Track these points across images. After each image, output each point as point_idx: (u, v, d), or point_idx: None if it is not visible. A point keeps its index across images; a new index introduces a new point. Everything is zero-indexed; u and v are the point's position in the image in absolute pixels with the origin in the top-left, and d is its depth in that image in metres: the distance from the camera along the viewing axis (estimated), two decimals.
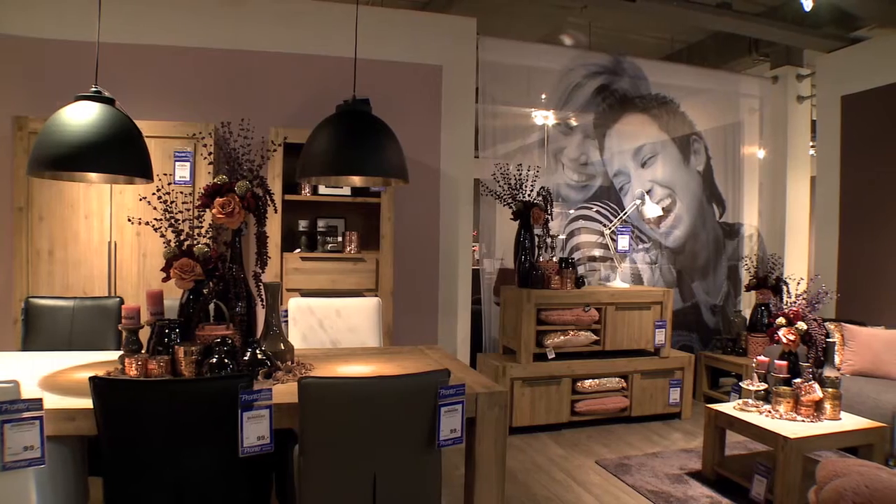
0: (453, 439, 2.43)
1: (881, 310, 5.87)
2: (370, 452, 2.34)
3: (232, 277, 2.86)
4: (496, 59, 5.87)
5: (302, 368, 2.98)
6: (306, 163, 2.99)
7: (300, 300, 4.04)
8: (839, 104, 6.47)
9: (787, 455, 3.67)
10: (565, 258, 5.53)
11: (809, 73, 7.11)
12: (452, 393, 2.40)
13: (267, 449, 2.27)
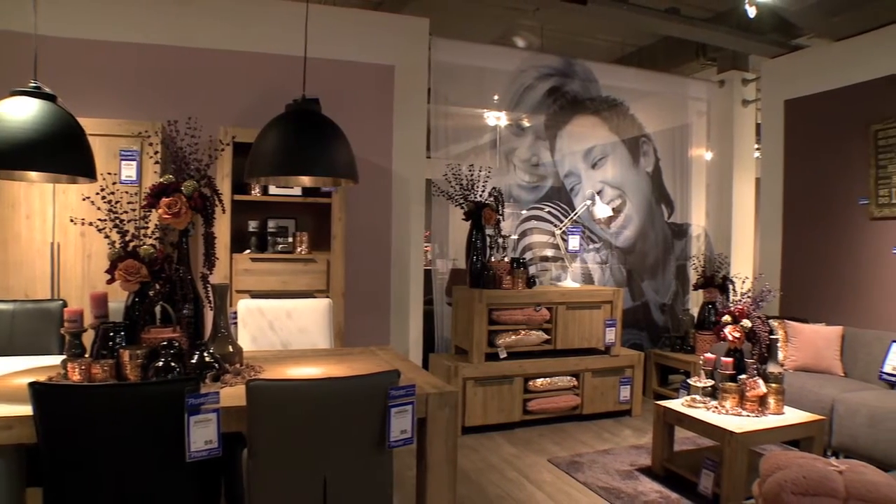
0: (404, 440, 2.43)
1: (822, 307, 6.05)
2: (320, 454, 2.32)
3: (179, 279, 2.81)
4: (448, 60, 5.88)
5: (251, 371, 2.94)
6: (254, 163, 2.96)
7: (250, 302, 3.98)
8: (782, 108, 6.64)
9: (732, 449, 3.76)
10: (517, 258, 5.57)
11: (754, 78, 7.28)
12: (402, 393, 2.39)
13: (215, 453, 2.23)
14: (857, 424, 4.54)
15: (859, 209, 5.80)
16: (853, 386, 4.97)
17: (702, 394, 4.29)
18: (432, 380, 3.02)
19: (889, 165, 5.53)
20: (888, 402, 4.48)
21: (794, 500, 1.96)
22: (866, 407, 4.53)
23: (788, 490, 1.96)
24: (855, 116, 5.85)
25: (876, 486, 1.92)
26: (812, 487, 1.95)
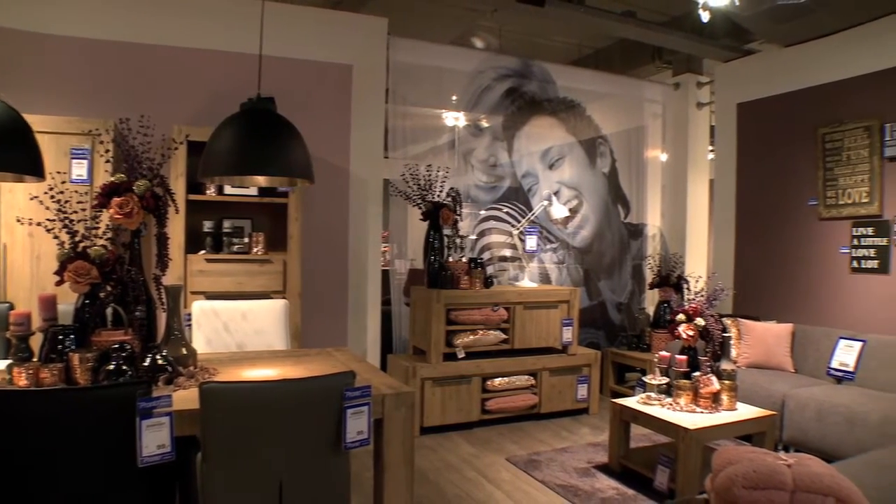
0: (360, 441, 2.42)
1: (773, 305, 6.19)
2: (275, 457, 2.30)
3: (130, 280, 2.76)
4: (407, 60, 5.87)
5: (205, 373, 2.90)
6: (208, 162, 2.92)
7: (204, 303, 3.93)
8: (735, 111, 6.78)
9: (687, 445, 3.82)
10: (474, 258, 5.59)
11: (708, 81, 7.41)
12: (358, 394, 2.38)
13: (168, 458, 2.20)
14: (807, 418, 4.66)
15: (808, 210, 5.95)
16: (803, 381, 5.09)
17: (657, 391, 4.36)
18: (388, 380, 3.02)
19: (836, 168, 5.68)
20: (835, 397, 4.61)
21: (745, 493, 1.99)
22: (815, 401, 4.65)
23: (739, 484, 2.00)
24: (804, 120, 6.00)
25: (820, 478, 1.97)
26: (761, 481, 1.99)
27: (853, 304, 5.57)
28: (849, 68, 5.65)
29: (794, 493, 1.98)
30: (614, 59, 7.73)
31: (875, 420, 4.27)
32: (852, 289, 5.59)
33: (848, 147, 5.59)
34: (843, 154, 5.63)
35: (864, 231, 5.49)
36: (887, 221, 5.32)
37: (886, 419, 4.23)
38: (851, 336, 5.25)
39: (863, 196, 5.49)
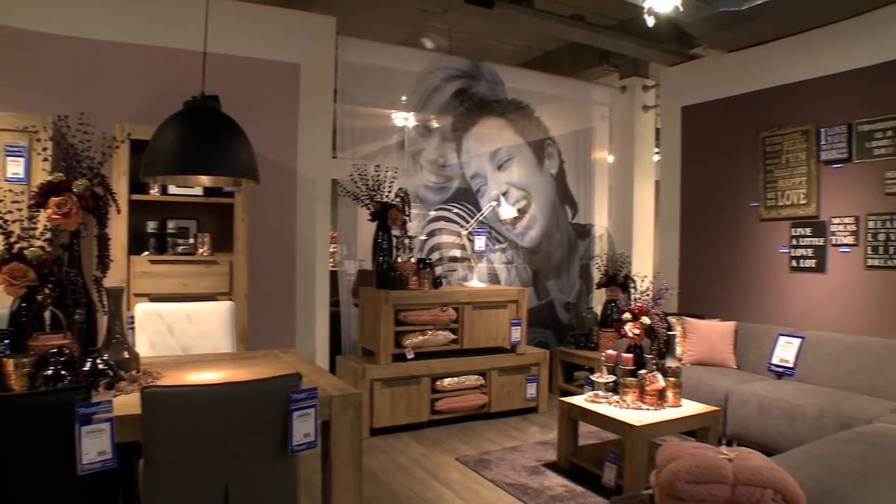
0: (307, 444, 2.39)
1: (717, 304, 6.33)
2: (221, 462, 2.26)
3: (69, 282, 2.68)
4: (356, 60, 5.82)
5: (148, 377, 2.83)
6: (150, 161, 2.85)
7: (148, 305, 3.84)
8: (680, 114, 6.91)
9: (633, 442, 3.88)
10: (423, 259, 5.58)
11: (654, 85, 7.54)
12: (304, 397, 2.36)
13: (109, 464, 2.14)
14: (749, 413, 4.78)
15: (750, 211, 6.11)
16: (745, 377, 5.23)
17: (604, 389, 4.42)
18: (336, 382, 2.99)
19: (776, 170, 5.84)
20: (775, 392, 4.74)
21: (688, 487, 2.03)
22: (756, 397, 4.77)
23: (682, 479, 2.04)
24: (745, 124, 6.16)
25: (759, 471, 2.03)
26: (704, 475, 2.04)
27: (792, 302, 5.73)
28: (787, 75, 5.82)
29: (734, 486, 2.04)
30: (563, 61, 7.81)
31: (812, 413, 4.41)
32: (791, 287, 5.75)
33: (787, 150, 5.76)
34: (782, 157, 5.80)
35: (802, 231, 5.66)
36: (823, 222, 5.50)
37: (823, 412, 4.36)
38: (791, 333, 5.41)
39: (801, 198, 5.66)
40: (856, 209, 5.28)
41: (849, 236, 5.31)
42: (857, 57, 5.30)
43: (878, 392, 4.67)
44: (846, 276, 5.35)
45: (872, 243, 5.15)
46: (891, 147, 5.04)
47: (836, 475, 2.84)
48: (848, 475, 2.84)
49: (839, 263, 5.40)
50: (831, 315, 5.43)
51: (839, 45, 5.42)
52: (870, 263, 5.18)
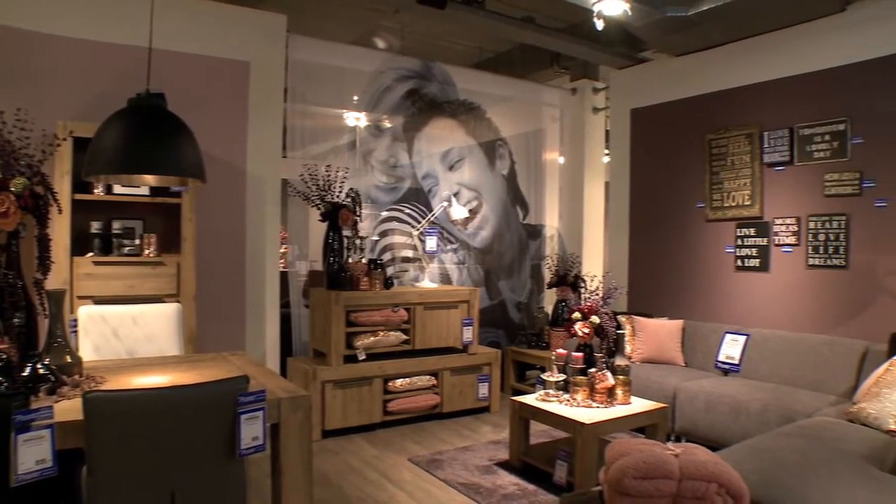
0: (255, 447, 2.36)
1: (665, 303, 6.44)
2: (167, 468, 2.21)
3: (7, 285, 2.60)
4: (307, 59, 5.76)
5: (91, 382, 2.75)
6: (93, 160, 2.78)
7: (91, 308, 3.74)
8: (629, 116, 7.02)
9: (584, 440, 3.92)
10: (374, 259, 5.56)
11: (604, 87, 7.64)
12: (252, 399, 2.32)
13: (49, 473, 2.07)
14: (696, 409, 4.87)
15: (697, 212, 6.23)
16: (692, 375, 5.33)
17: (555, 388, 4.46)
18: (285, 384, 2.96)
19: (721, 172, 5.97)
20: (721, 388, 4.85)
21: (635, 483, 2.07)
22: (704, 393, 4.87)
23: (630, 475, 2.07)
24: (692, 126, 6.28)
25: (704, 465, 2.08)
26: (651, 471, 2.07)
27: (738, 301, 5.87)
28: (732, 79, 5.95)
29: (680, 480, 2.08)
30: (514, 63, 7.85)
31: (757, 408, 4.52)
32: (737, 286, 5.89)
33: (732, 153, 5.89)
34: (727, 159, 5.93)
35: (746, 232, 5.80)
36: (767, 223, 5.64)
37: (766, 407, 4.48)
38: (736, 330, 5.54)
39: (745, 199, 5.79)
40: (797, 210, 5.43)
41: (791, 236, 5.46)
42: (797, 64, 5.45)
43: (819, 387, 4.82)
44: (788, 275, 5.49)
45: (813, 243, 5.31)
46: (829, 150, 5.20)
47: (778, 467, 2.92)
48: (789, 467, 2.92)
49: (782, 263, 5.55)
50: (775, 313, 5.57)
51: (781, 51, 5.57)
52: (810, 263, 5.33)
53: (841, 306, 5.16)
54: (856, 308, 5.07)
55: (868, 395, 3.92)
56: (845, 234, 5.11)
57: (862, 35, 5.04)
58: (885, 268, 4.91)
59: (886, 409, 3.72)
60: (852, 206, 5.08)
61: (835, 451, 3.22)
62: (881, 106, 4.94)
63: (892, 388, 3.79)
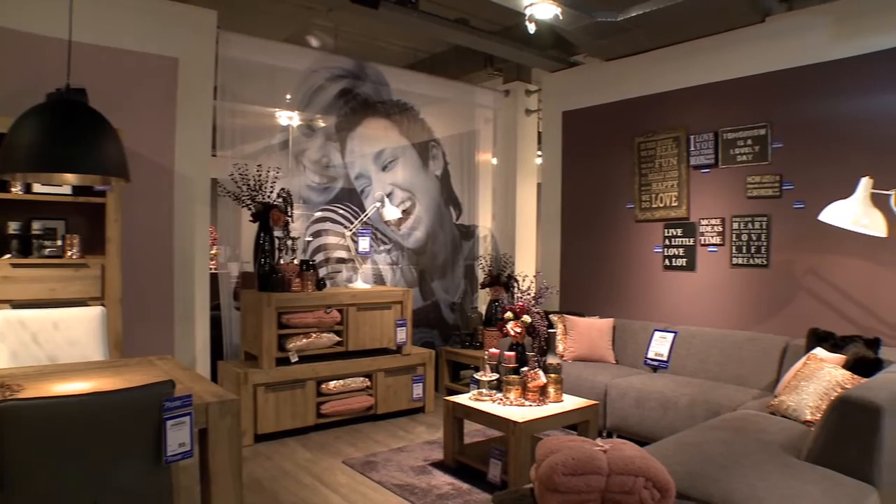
0: (182, 453, 2.30)
1: (596, 301, 6.57)
2: (88, 478, 2.12)
3: None
4: (238, 56, 5.64)
5: (7, 390, 2.63)
6: (7, 156, 2.65)
7: (9, 313, 3.58)
8: (560, 119, 7.12)
9: (517, 438, 3.96)
10: (306, 260, 5.50)
11: (536, 90, 7.74)
12: (179, 405, 2.26)
13: None
14: (627, 406, 4.98)
15: (626, 212, 6.37)
16: (623, 372, 5.44)
17: (488, 387, 4.48)
18: (213, 388, 2.89)
19: (650, 174, 6.12)
20: (651, 385, 4.96)
21: (565, 479, 2.09)
22: (634, 390, 4.98)
23: (559, 471, 2.10)
24: (622, 129, 6.42)
25: (631, 460, 2.12)
26: (580, 467, 2.10)
27: (666, 299, 6.02)
28: (661, 84, 6.11)
29: (609, 476, 2.11)
30: (449, 64, 7.88)
31: (684, 403, 4.64)
32: (665, 285, 6.04)
33: (660, 155, 6.04)
34: (655, 162, 6.08)
35: (674, 232, 5.95)
36: (693, 223, 5.81)
37: (694, 402, 4.61)
38: (665, 328, 5.68)
39: (672, 200, 5.95)
40: (722, 211, 5.61)
41: (716, 237, 5.63)
42: (721, 70, 5.64)
43: (743, 381, 4.99)
44: (714, 273, 5.67)
45: (737, 243, 5.49)
46: (751, 154, 5.39)
47: (704, 460, 3.00)
48: (715, 459, 3.02)
49: (707, 262, 5.72)
50: (701, 310, 5.74)
51: (706, 58, 5.74)
52: (734, 262, 5.51)
53: (763, 303, 5.35)
54: (776, 305, 5.26)
55: (787, 389, 4.08)
56: (766, 234, 5.30)
57: (781, 45, 5.25)
58: (803, 266, 5.12)
59: (804, 401, 3.87)
60: (773, 208, 5.28)
61: (757, 442, 3.34)
62: (799, 113, 5.15)
63: (809, 381, 3.95)
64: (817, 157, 5.04)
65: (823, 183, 4.96)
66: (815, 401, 3.82)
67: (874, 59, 4.76)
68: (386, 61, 6.95)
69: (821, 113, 5.03)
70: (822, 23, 5.02)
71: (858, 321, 4.80)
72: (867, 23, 4.79)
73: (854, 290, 4.85)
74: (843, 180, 4.66)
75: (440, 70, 7.73)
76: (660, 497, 2.12)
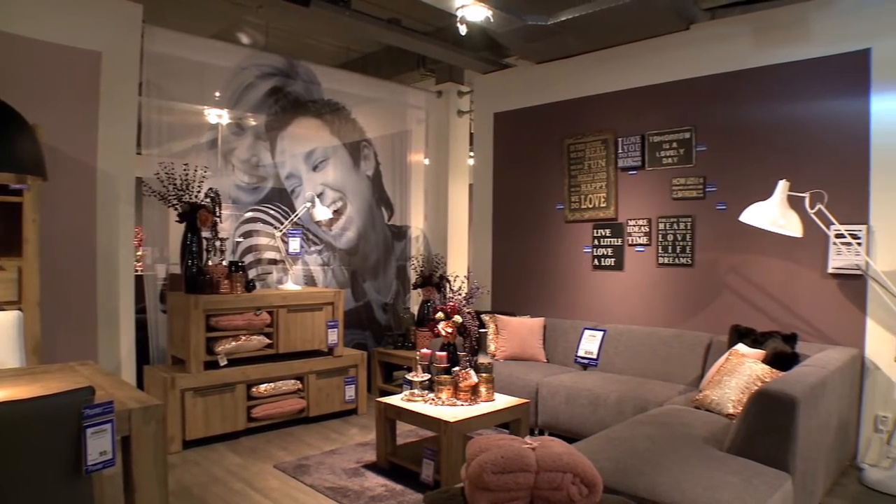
0: (103, 462, 2.22)
1: (527, 301, 6.65)
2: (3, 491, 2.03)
3: None
4: (165, 51, 5.48)
5: None
6: None
7: None
8: (492, 120, 7.19)
9: (449, 438, 3.98)
10: (235, 261, 5.39)
11: (468, 91, 7.78)
12: (99, 411, 2.18)
13: None
14: (557, 403, 5.06)
15: (557, 213, 6.47)
16: (554, 370, 5.53)
17: (420, 388, 4.49)
18: (137, 394, 2.81)
19: (579, 175, 6.23)
20: (581, 382, 5.06)
21: (494, 478, 2.11)
22: (564, 388, 5.06)
23: (489, 470, 2.11)
24: (552, 131, 6.52)
25: (559, 457, 2.15)
26: (508, 465, 2.12)
27: (595, 298, 6.14)
28: (590, 87, 6.23)
29: (537, 473, 2.14)
30: (382, 64, 7.86)
31: (613, 400, 4.75)
32: (594, 284, 6.16)
33: (589, 157, 6.16)
34: (585, 163, 6.19)
35: (602, 233, 6.08)
36: (621, 224, 5.94)
37: (622, 399, 4.71)
38: (594, 327, 5.80)
39: (601, 201, 6.07)
40: (648, 212, 5.75)
41: (643, 237, 5.78)
42: (648, 75, 5.79)
43: (669, 377, 5.14)
44: (641, 273, 5.81)
45: (663, 243, 5.64)
46: (676, 157, 5.55)
47: (631, 455, 3.08)
48: (641, 454, 3.10)
49: (635, 262, 5.86)
50: (629, 309, 5.88)
51: (633, 63, 5.89)
52: (661, 261, 5.67)
53: (688, 302, 5.51)
54: (701, 303, 5.43)
55: (711, 384, 4.22)
56: (691, 234, 5.47)
57: (705, 52, 5.42)
58: (725, 266, 5.29)
59: (726, 395, 4.01)
60: (697, 209, 5.45)
61: (682, 436, 3.45)
62: (721, 117, 5.33)
63: (731, 375, 4.09)
64: (738, 161, 5.23)
65: (744, 185, 5.15)
66: (736, 394, 3.97)
67: (791, 68, 4.97)
68: (317, 60, 6.89)
69: (742, 118, 5.22)
70: (742, 32, 5.21)
71: (777, 317, 4.99)
72: (783, 34, 4.99)
73: (773, 287, 5.04)
74: (762, 182, 4.85)
75: (373, 70, 7.70)
76: (587, 492, 2.16)
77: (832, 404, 3.77)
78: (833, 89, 4.77)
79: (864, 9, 4.62)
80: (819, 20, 4.83)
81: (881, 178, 4.54)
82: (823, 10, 4.81)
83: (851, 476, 4.38)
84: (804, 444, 3.18)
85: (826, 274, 4.78)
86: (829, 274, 4.76)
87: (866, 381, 4.60)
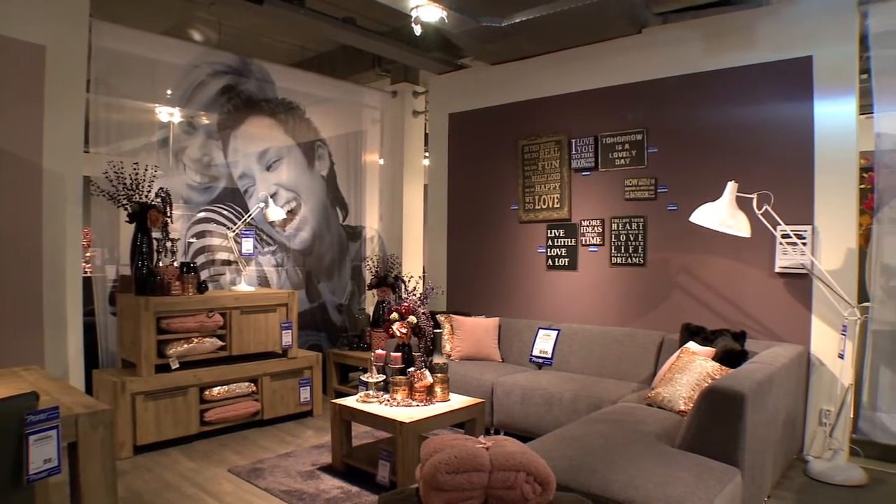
0: (48, 470, 2.17)
1: (482, 301, 6.68)
2: None
3: None
4: (113, 47, 5.35)
5: None
6: None
7: None
8: (447, 121, 7.20)
9: (404, 438, 3.98)
10: (186, 263, 5.31)
11: (424, 91, 7.79)
12: (44, 418, 2.13)
13: None
14: (512, 403, 5.09)
15: (511, 214, 6.51)
16: (509, 370, 5.56)
17: (375, 389, 4.48)
18: (84, 399, 2.75)
19: (533, 176, 6.29)
20: (535, 382, 5.10)
21: (448, 478, 2.12)
22: (519, 387, 5.10)
23: (443, 470, 2.13)
24: (507, 132, 6.56)
25: (513, 456, 2.18)
26: (462, 465, 2.13)
27: (550, 298, 6.20)
28: (544, 89, 6.29)
29: (491, 472, 2.16)
30: (337, 63, 7.82)
31: (568, 399, 4.80)
32: (548, 284, 6.22)
33: (543, 158, 6.22)
34: (539, 164, 6.25)
35: (556, 233, 6.14)
36: (575, 224, 6.01)
37: (577, 397, 4.77)
38: (548, 326, 5.85)
39: (555, 202, 6.13)
40: (601, 213, 5.83)
41: (596, 237, 5.85)
42: (601, 77, 5.88)
43: (623, 375, 5.22)
44: (594, 273, 5.89)
45: (615, 243, 5.73)
46: (628, 158, 5.64)
47: (585, 453, 3.12)
48: (595, 451, 3.14)
49: (588, 262, 5.93)
50: (583, 308, 5.95)
51: (587, 66, 5.97)
52: (614, 261, 5.75)
53: (640, 301, 5.60)
54: (653, 302, 5.52)
55: (663, 381, 4.29)
56: (643, 234, 5.56)
57: (656, 56, 5.52)
58: (676, 265, 5.40)
59: (678, 392, 4.09)
60: (649, 210, 5.54)
61: (634, 433, 3.51)
62: (672, 120, 5.43)
63: (682, 373, 4.17)
64: (689, 162, 5.33)
65: (694, 186, 5.25)
66: (687, 391, 4.05)
67: (740, 72, 5.09)
68: (271, 58, 6.81)
69: (692, 120, 5.33)
70: (693, 37, 5.32)
71: (727, 316, 5.11)
72: (733, 40, 5.11)
73: (722, 286, 5.16)
74: (712, 184, 4.95)
75: (327, 69, 7.65)
76: (541, 490, 2.19)
77: (779, 399, 3.87)
78: (780, 94, 4.90)
79: (807, 18, 4.77)
80: (766, 26, 4.96)
81: (825, 180, 4.68)
82: (770, 17, 4.94)
83: (798, 469, 4.51)
84: (753, 439, 3.26)
85: (773, 273, 4.91)
86: (776, 273, 4.89)
87: (812, 377, 4.73)
